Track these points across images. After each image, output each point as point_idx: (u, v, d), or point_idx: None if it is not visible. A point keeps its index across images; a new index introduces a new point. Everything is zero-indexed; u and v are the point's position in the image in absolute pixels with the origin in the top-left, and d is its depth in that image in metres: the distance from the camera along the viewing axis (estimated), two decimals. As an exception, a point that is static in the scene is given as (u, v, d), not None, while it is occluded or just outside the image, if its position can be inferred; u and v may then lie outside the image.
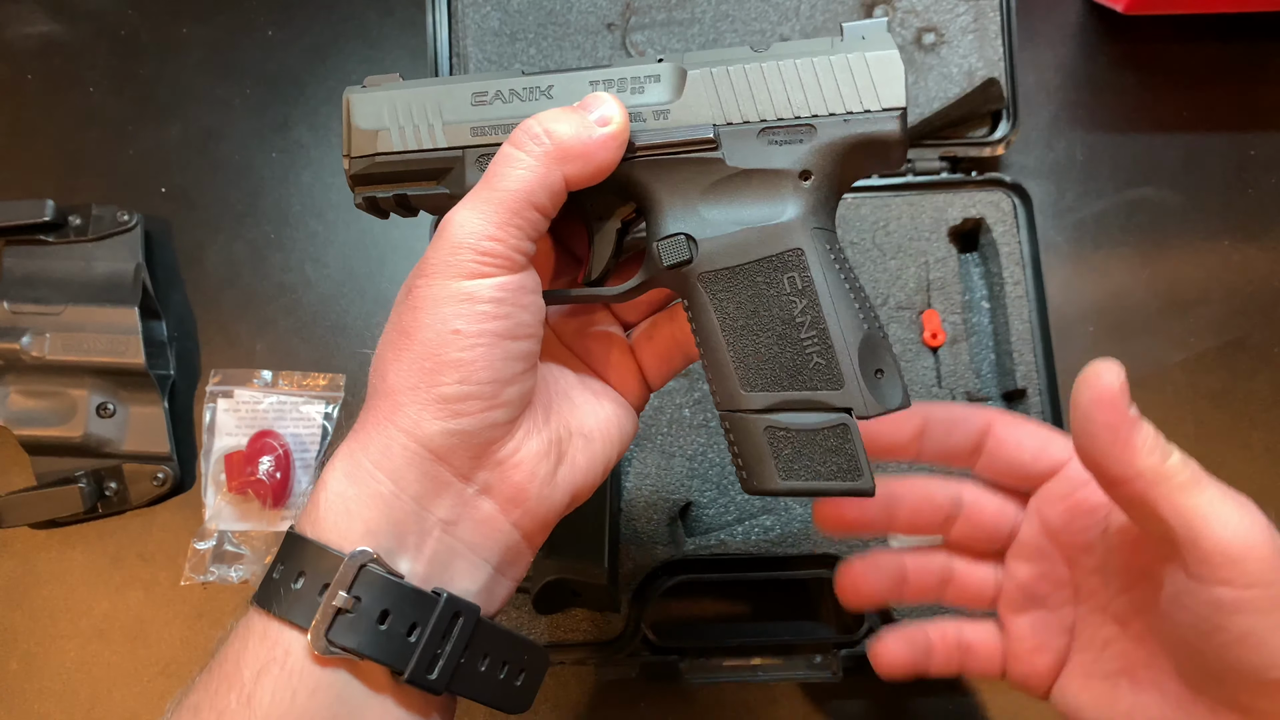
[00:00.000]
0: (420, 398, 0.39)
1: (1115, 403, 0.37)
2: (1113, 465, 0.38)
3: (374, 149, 0.44)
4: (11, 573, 0.72)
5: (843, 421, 0.41)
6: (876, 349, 0.42)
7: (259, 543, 0.71)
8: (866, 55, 0.41)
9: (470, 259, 0.39)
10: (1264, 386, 0.74)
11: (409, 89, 0.44)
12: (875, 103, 0.41)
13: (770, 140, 0.42)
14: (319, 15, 0.83)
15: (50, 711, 0.69)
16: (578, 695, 0.68)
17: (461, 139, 0.43)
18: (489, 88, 0.43)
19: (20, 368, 0.70)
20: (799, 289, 0.41)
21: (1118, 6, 0.80)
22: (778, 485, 0.42)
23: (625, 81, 0.43)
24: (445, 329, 0.38)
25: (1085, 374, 0.37)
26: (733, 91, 0.42)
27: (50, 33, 0.83)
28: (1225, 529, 0.36)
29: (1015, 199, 0.72)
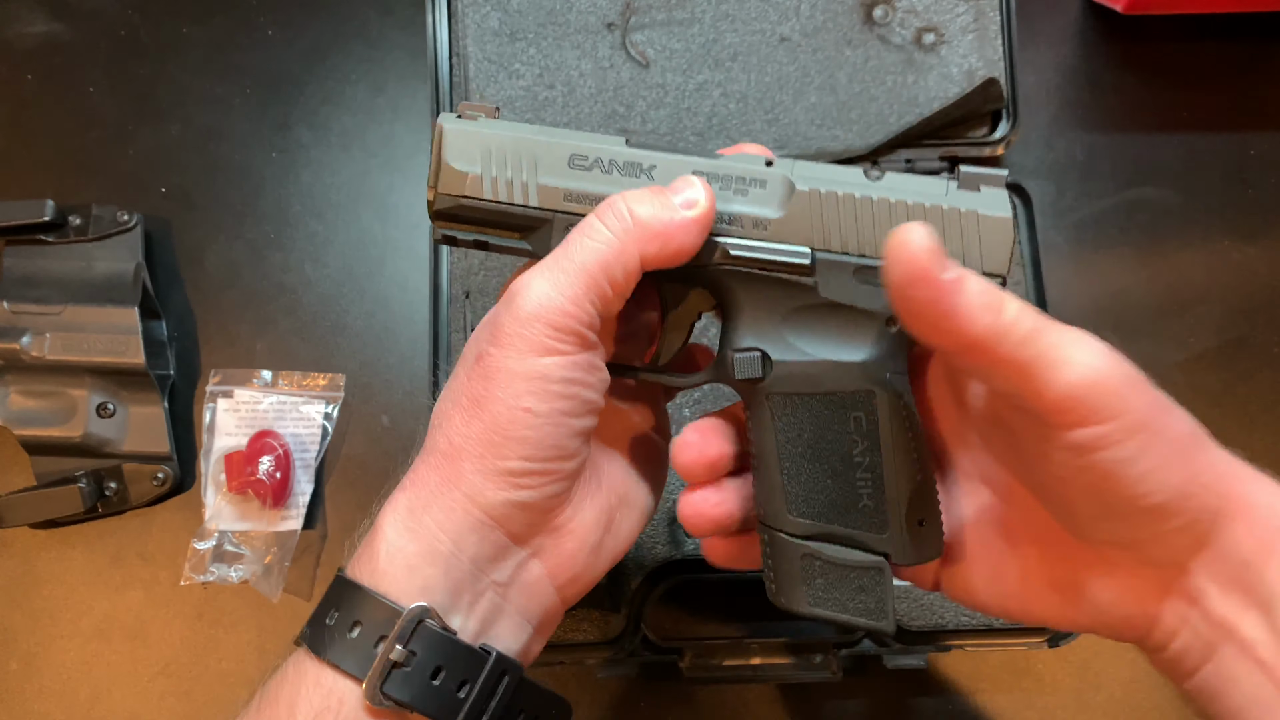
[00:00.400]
0: (485, 467, 0.40)
1: (928, 276, 0.34)
2: (946, 338, 0.36)
3: (462, 191, 0.42)
4: (11, 573, 0.72)
5: (879, 565, 0.42)
6: (925, 499, 0.42)
7: (259, 542, 0.71)
8: (980, 214, 0.41)
9: (544, 334, 0.39)
10: (1264, 386, 0.74)
11: (506, 132, 0.42)
12: (978, 264, 0.41)
13: (864, 280, 0.41)
14: (319, 15, 0.83)
15: (50, 711, 0.69)
16: (578, 695, 0.68)
17: (554, 202, 0.42)
18: (590, 152, 0.42)
19: (20, 367, 0.70)
20: (863, 430, 0.41)
21: (1118, 6, 0.80)
22: (805, 609, 0.42)
23: (730, 180, 0.42)
24: (516, 405, 0.39)
25: (890, 247, 0.34)
26: (838, 219, 0.41)
27: (50, 33, 0.83)
28: (1071, 371, 0.34)
29: (1015, 199, 0.72)
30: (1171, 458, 0.37)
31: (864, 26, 0.73)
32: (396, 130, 0.81)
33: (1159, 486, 0.36)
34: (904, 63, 0.73)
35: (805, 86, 0.73)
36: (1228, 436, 0.72)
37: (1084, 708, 0.68)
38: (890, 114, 0.73)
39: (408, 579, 0.39)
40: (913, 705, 0.68)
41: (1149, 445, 0.36)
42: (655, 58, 0.74)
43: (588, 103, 0.73)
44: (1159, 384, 0.78)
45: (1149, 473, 0.36)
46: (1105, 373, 0.35)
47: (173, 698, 0.69)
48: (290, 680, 0.39)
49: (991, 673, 0.69)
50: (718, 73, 0.73)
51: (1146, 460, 0.36)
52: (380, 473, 0.73)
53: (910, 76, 0.73)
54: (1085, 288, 0.76)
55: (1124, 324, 0.76)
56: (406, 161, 0.80)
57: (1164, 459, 0.36)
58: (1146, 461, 0.36)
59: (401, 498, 0.41)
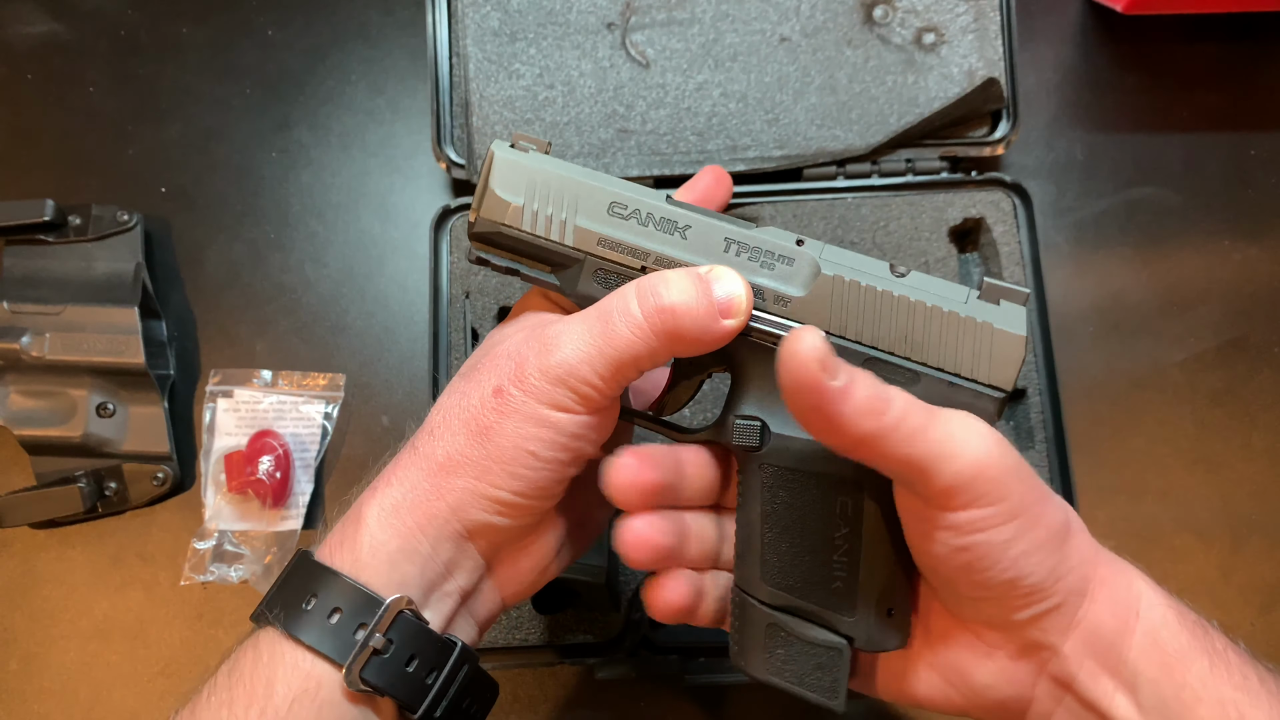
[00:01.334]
0: (477, 490, 0.42)
1: (815, 383, 0.35)
2: (834, 439, 0.37)
3: (503, 219, 0.44)
4: (11, 573, 0.72)
5: (840, 647, 0.42)
6: (896, 589, 0.42)
7: (259, 542, 0.71)
8: (994, 328, 0.41)
9: (566, 395, 0.41)
10: (1264, 386, 0.74)
11: (554, 169, 0.44)
12: (986, 376, 0.41)
13: (874, 371, 0.41)
14: (319, 15, 0.83)
15: (50, 711, 0.69)
16: (578, 695, 0.68)
17: (588, 245, 0.44)
18: (630, 203, 0.44)
19: (20, 367, 0.70)
20: (848, 516, 0.42)
21: (1118, 6, 0.80)
22: (760, 675, 0.43)
23: (759, 252, 0.43)
24: (523, 447, 0.41)
25: (782, 352, 0.35)
26: (858, 308, 0.42)
27: (50, 33, 0.83)
28: (957, 463, 0.36)
29: (1015, 199, 0.72)
30: (1046, 541, 0.39)
31: (864, 26, 0.73)
32: (396, 130, 0.81)
33: (1033, 569, 0.38)
34: (904, 63, 0.73)
35: (805, 86, 0.73)
36: (1228, 436, 0.73)
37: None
38: (890, 114, 0.73)
39: (388, 572, 0.41)
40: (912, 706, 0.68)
41: (1025, 530, 0.38)
42: (655, 58, 0.74)
43: (588, 103, 0.73)
44: (1160, 384, 0.78)
45: (1024, 555, 0.38)
46: (989, 463, 0.37)
47: (172, 698, 0.68)
48: (265, 660, 0.40)
49: (992, 673, 0.69)
50: (718, 73, 0.73)
51: (1022, 543, 0.38)
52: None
53: (910, 76, 0.73)
54: (1085, 288, 0.76)
55: (1124, 324, 0.75)
56: (406, 162, 0.80)
57: (1038, 543, 0.38)
58: (1022, 544, 0.38)
59: (389, 493, 0.42)
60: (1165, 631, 0.40)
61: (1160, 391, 0.74)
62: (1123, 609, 0.40)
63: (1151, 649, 0.40)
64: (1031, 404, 0.69)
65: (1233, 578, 0.70)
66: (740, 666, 0.44)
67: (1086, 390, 0.73)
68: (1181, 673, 0.39)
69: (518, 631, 0.65)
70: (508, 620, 0.66)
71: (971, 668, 0.42)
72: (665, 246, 0.43)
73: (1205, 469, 0.72)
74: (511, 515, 0.42)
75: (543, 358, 0.41)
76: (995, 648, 0.42)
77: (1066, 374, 0.71)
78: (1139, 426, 0.73)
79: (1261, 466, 0.72)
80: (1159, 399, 0.74)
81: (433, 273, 0.71)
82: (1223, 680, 0.39)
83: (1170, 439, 0.73)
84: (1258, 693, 0.39)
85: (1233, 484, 0.72)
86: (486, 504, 0.42)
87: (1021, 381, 0.69)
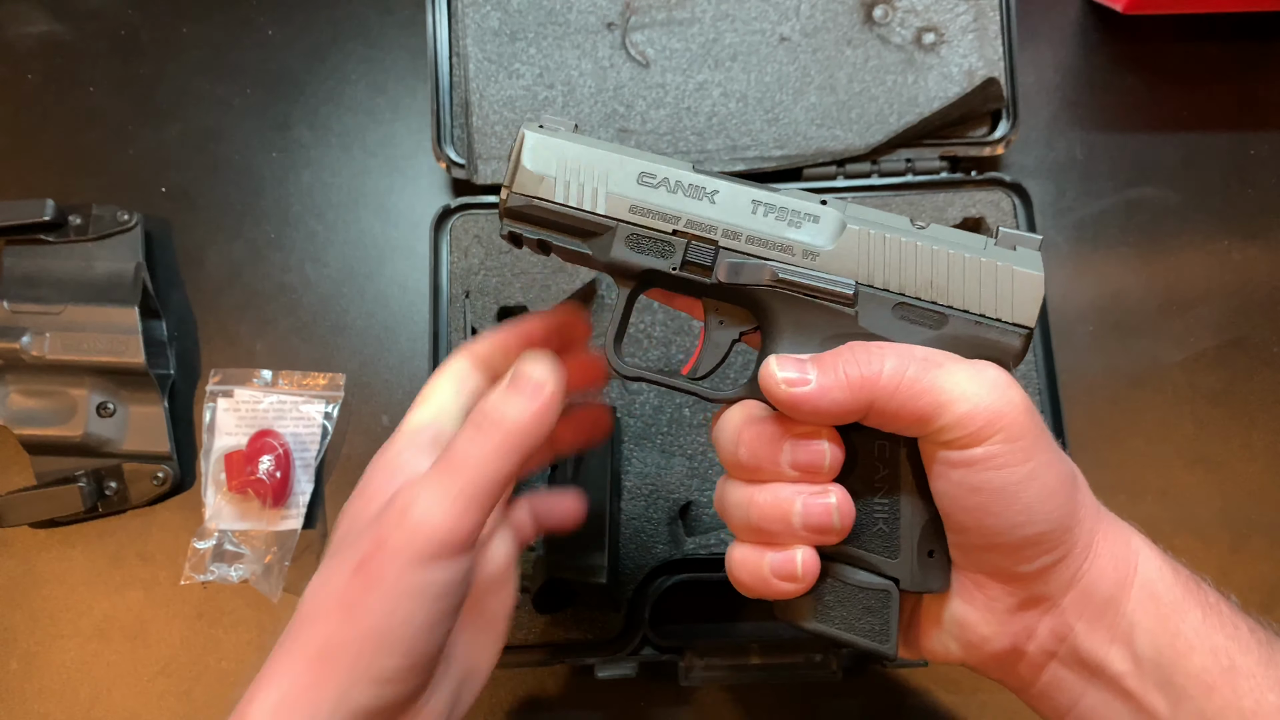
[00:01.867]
0: (358, 674, 0.39)
1: (790, 400, 0.40)
2: (837, 419, 0.41)
3: (536, 192, 0.45)
4: (11, 572, 0.72)
5: (888, 589, 0.43)
6: (936, 532, 0.43)
7: (259, 542, 0.71)
8: (1015, 269, 0.43)
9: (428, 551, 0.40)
10: (1263, 386, 0.74)
11: (583, 145, 0.45)
12: (1009, 314, 0.43)
13: (902, 315, 0.43)
14: (319, 15, 0.83)
15: (50, 711, 0.69)
16: (578, 695, 0.68)
17: (620, 212, 0.44)
18: (658, 171, 0.45)
19: (20, 367, 0.70)
20: (885, 458, 0.43)
21: (1117, 6, 0.80)
22: (810, 624, 0.43)
23: (785, 212, 0.44)
24: (395, 614, 0.39)
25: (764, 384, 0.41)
26: (884, 257, 0.43)
27: (50, 33, 0.83)
28: (964, 402, 0.38)
29: (1015, 198, 0.72)
30: (1058, 489, 0.40)
31: (864, 26, 0.73)
32: (397, 130, 0.81)
33: (1045, 515, 0.39)
34: (904, 63, 0.73)
35: (805, 86, 0.73)
36: (1227, 436, 0.73)
37: (1084, 707, 0.68)
38: (890, 114, 0.73)
39: None
40: (913, 705, 0.68)
41: (1039, 473, 0.39)
42: (655, 58, 0.74)
43: (588, 102, 0.73)
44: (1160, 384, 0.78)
45: (1038, 500, 0.39)
46: (1002, 402, 0.39)
47: (172, 697, 0.69)
48: None
49: (991, 672, 0.69)
50: (718, 73, 0.73)
51: (1035, 487, 0.39)
52: (380, 472, 0.73)
53: (910, 76, 0.73)
54: (1085, 288, 0.76)
55: (1124, 324, 0.76)
56: (406, 162, 0.80)
57: (1050, 489, 0.39)
58: (1035, 488, 0.39)
59: (270, 693, 0.40)
60: (1161, 584, 0.41)
61: (1160, 391, 0.74)
62: (1122, 564, 0.41)
63: (1148, 601, 0.41)
64: (1031, 404, 0.69)
65: (1232, 577, 0.70)
66: (788, 619, 0.44)
67: (1086, 390, 0.73)
68: (1176, 623, 0.40)
69: (518, 631, 0.65)
70: (508, 620, 0.66)
71: (974, 621, 0.43)
72: (696, 210, 0.44)
73: (1205, 468, 0.72)
74: (400, 683, 0.40)
75: (400, 521, 0.40)
76: (997, 601, 0.42)
77: (1066, 373, 0.71)
78: (1138, 426, 0.73)
79: (1261, 466, 0.72)
80: (1158, 398, 0.74)
81: (433, 272, 0.71)
82: (1215, 630, 0.40)
83: (1170, 438, 0.73)
84: (1248, 641, 0.40)
85: (1232, 483, 0.72)
86: (371, 684, 0.40)
87: (1021, 381, 0.68)
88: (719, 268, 0.44)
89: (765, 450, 0.42)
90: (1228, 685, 0.39)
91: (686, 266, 0.44)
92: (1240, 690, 0.39)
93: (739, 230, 0.44)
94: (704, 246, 0.44)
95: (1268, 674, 0.39)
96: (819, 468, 0.41)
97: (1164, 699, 0.40)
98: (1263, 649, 0.40)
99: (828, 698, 0.68)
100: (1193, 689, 0.40)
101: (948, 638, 0.44)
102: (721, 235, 0.44)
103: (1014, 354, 0.43)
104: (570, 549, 0.61)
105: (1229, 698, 0.39)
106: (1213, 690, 0.39)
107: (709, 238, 0.44)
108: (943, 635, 0.44)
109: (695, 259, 0.44)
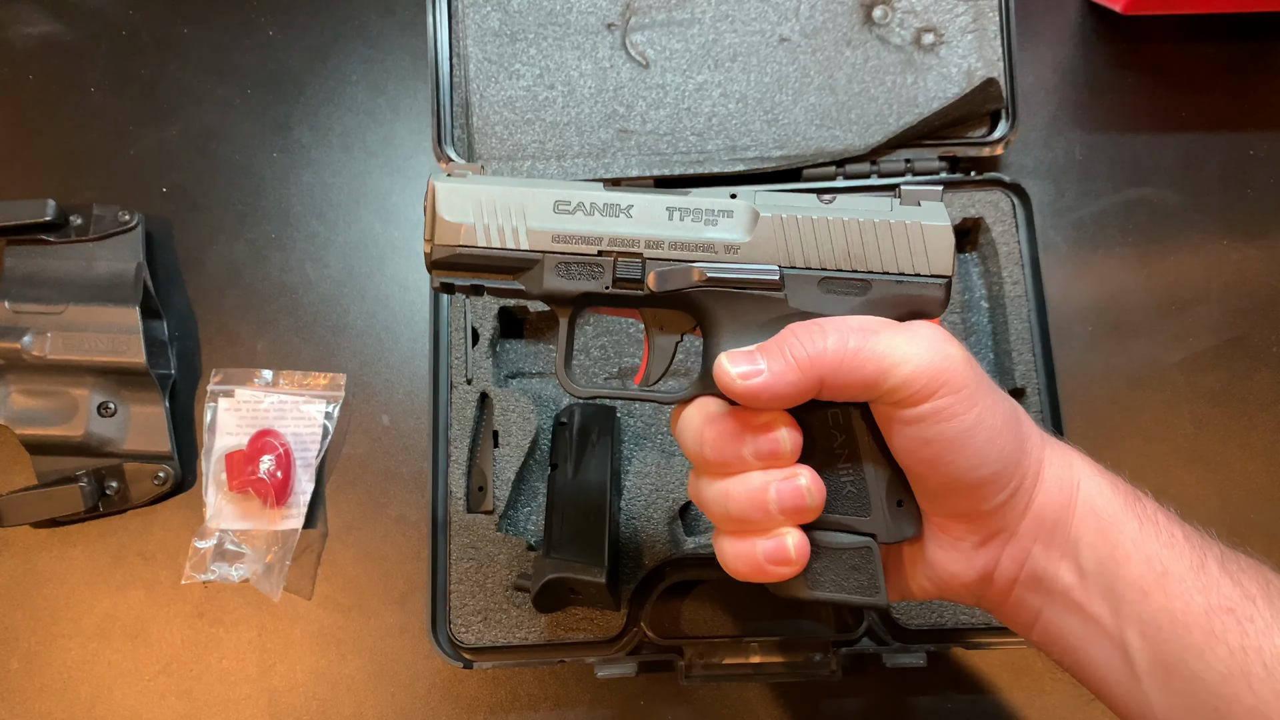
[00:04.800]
0: None
1: (745, 391, 0.42)
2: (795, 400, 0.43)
3: (458, 241, 0.46)
4: (12, 572, 0.72)
5: (868, 545, 0.45)
6: (900, 484, 0.45)
7: (260, 542, 0.71)
8: (923, 224, 0.45)
9: None
10: (1263, 386, 0.74)
11: (494, 186, 0.46)
12: (925, 268, 0.45)
13: (829, 289, 0.45)
14: (319, 15, 0.83)
15: (51, 710, 0.69)
16: (578, 695, 0.69)
17: (543, 244, 0.46)
18: (572, 197, 0.46)
19: (21, 367, 0.70)
20: (841, 426, 0.45)
21: (1117, 6, 0.80)
22: (804, 594, 0.45)
23: (700, 213, 0.46)
24: None
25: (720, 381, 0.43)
26: (800, 239, 0.45)
27: (51, 33, 0.83)
28: (905, 366, 0.41)
29: (1014, 199, 0.72)
30: (1003, 429, 0.42)
31: (864, 27, 0.74)
32: (397, 130, 0.81)
33: (995, 456, 0.42)
34: (903, 63, 0.73)
35: (805, 87, 0.73)
36: (1226, 436, 0.73)
37: (1083, 707, 0.68)
38: (890, 114, 0.73)
39: None
40: (912, 705, 0.68)
41: (985, 418, 0.41)
42: (655, 58, 0.74)
43: (588, 103, 0.73)
44: (1159, 384, 0.78)
45: (987, 442, 0.42)
46: (939, 358, 0.41)
47: (173, 696, 0.69)
48: None
49: (991, 672, 0.69)
50: (718, 73, 0.73)
51: (984, 430, 0.41)
52: (381, 472, 0.73)
53: (910, 77, 0.73)
54: (1085, 288, 0.76)
55: (1124, 324, 0.76)
56: (407, 162, 0.80)
57: (997, 430, 0.42)
58: (984, 431, 0.41)
59: None
60: (1100, 500, 0.44)
61: (1159, 391, 0.74)
62: (1066, 485, 0.44)
63: (1089, 517, 0.44)
64: (1030, 403, 0.69)
65: (1231, 577, 0.70)
66: (784, 594, 0.46)
67: (1085, 390, 0.73)
68: (1114, 535, 0.43)
69: (518, 631, 0.66)
70: (507, 620, 0.66)
71: (944, 560, 0.46)
72: (615, 228, 0.46)
73: (1204, 468, 0.72)
74: None
75: None
76: (963, 540, 0.45)
77: (1065, 373, 0.71)
78: (1137, 426, 0.73)
79: (1260, 466, 0.73)
80: (1157, 398, 0.74)
81: (433, 272, 0.71)
82: (1151, 539, 0.43)
83: (1169, 438, 0.73)
84: (1181, 547, 0.43)
85: (1231, 483, 0.72)
86: None
87: (1020, 381, 0.69)
88: (648, 278, 0.45)
89: (729, 447, 0.44)
90: (1160, 590, 0.42)
91: (618, 284, 0.46)
92: (1171, 594, 0.42)
93: (660, 239, 0.46)
94: (631, 261, 0.46)
95: (1197, 578, 0.42)
96: (781, 454, 0.43)
97: (1106, 606, 0.43)
98: (1195, 554, 0.43)
99: (828, 697, 0.69)
100: (1130, 595, 0.42)
101: (923, 578, 0.47)
102: (645, 247, 0.46)
103: (938, 303, 0.45)
104: (570, 549, 0.61)
105: (1161, 601, 0.42)
106: (1148, 595, 0.42)
107: (634, 251, 0.46)
108: (917, 576, 0.47)
109: (625, 275, 0.46)
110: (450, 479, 0.68)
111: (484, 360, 0.70)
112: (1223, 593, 0.42)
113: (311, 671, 0.69)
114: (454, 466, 0.68)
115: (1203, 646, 0.41)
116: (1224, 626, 0.41)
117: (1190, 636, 0.41)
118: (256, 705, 0.69)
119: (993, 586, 0.46)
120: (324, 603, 0.71)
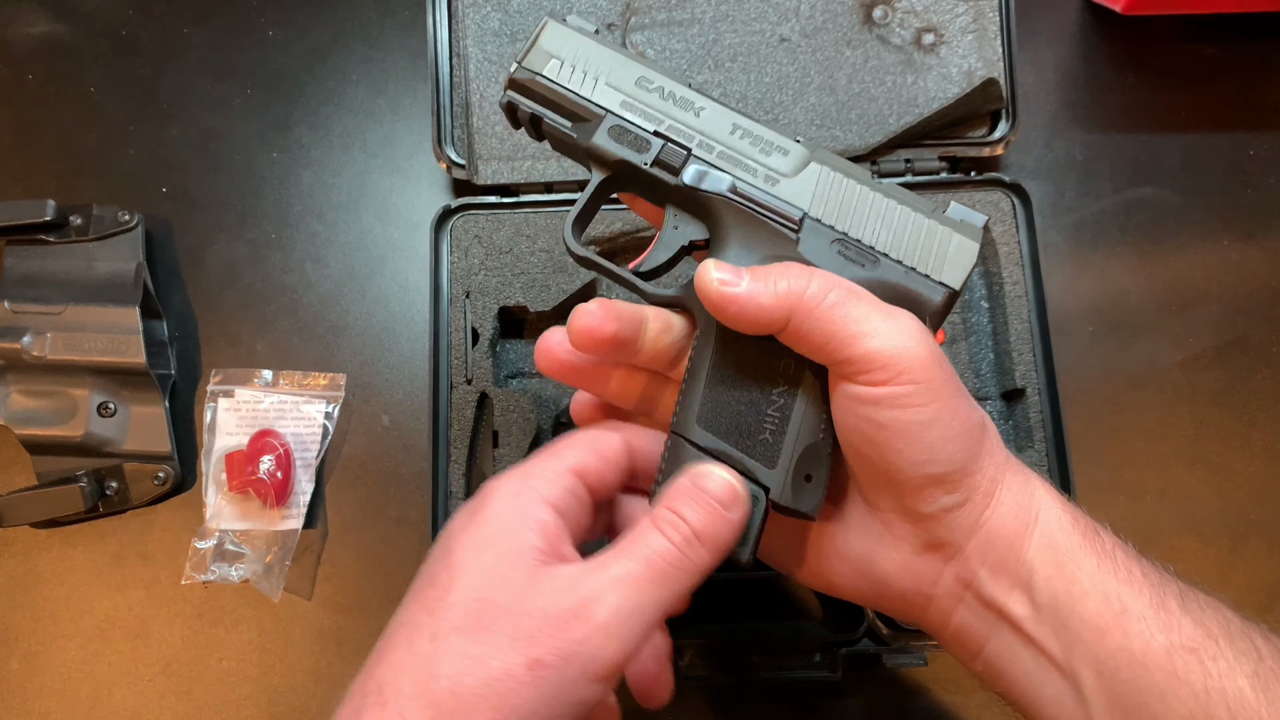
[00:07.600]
0: None
1: (725, 301, 0.42)
2: (757, 324, 0.43)
3: (542, 69, 0.49)
4: (12, 572, 0.72)
5: (757, 495, 0.45)
6: (818, 458, 0.45)
7: (260, 542, 0.71)
8: (954, 234, 0.46)
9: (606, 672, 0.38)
10: (1263, 386, 0.74)
11: (594, 44, 0.49)
12: (938, 273, 0.46)
13: (840, 251, 0.46)
14: (319, 15, 0.83)
15: (51, 710, 0.69)
16: (578, 694, 0.68)
17: (611, 103, 0.48)
18: (655, 79, 0.48)
19: (21, 367, 0.70)
20: (789, 376, 0.45)
21: (1117, 6, 0.80)
22: None
23: (760, 140, 0.48)
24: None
25: (700, 280, 0.43)
26: (837, 197, 0.46)
27: (50, 33, 0.83)
28: (872, 340, 0.40)
29: (1014, 199, 0.72)
30: (961, 433, 0.42)
31: (864, 27, 0.74)
32: (397, 131, 0.81)
33: (947, 456, 0.41)
34: (903, 63, 0.73)
35: (805, 87, 0.73)
36: (1227, 436, 0.73)
37: (1083, 707, 0.68)
38: (890, 114, 0.73)
39: None
40: (912, 705, 0.68)
41: (943, 416, 0.41)
42: (655, 58, 0.74)
43: (588, 103, 0.73)
44: (1159, 384, 0.78)
45: (941, 440, 0.41)
46: (909, 347, 0.40)
47: (173, 697, 0.69)
48: None
49: (991, 672, 0.69)
50: (718, 73, 0.73)
51: (939, 429, 0.41)
52: (381, 472, 0.73)
53: (910, 77, 0.73)
54: (1085, 288, 0.76)
55: (1124, 324, 0.76)
56: (407, 162, 0.80)
57: (955, 432, 0.41)
58: (939, 430, 0.41)
59: None
60: (1059, 533, 0.43)
61: (1159, 391, 0.74)
62: (1024, 512, 0.43)
63: (1046, 549, 0.42)
64: (1030, 404, 0.69)
65: (1232, 577, 0.70)
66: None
67: (1085, 390, 0.73)
68: (1072, 570, 0.42)
69: (518, 631, 0.66)
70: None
71: (878, 558, 0.45)
72: (680, 117, 0.48)
73: (1204, 468, 0.72)
74: None
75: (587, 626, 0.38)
76: (901, 540, 0.44)
77: (1065, 374, 0.71)
78: (1138, 426, 0.73)
79: (1260, 466, 0.73)
80: (1158, 399, 0.74)
81: (433, 273, 0.71)
82: (1109, 576, 0.42)
83: (1169, 438, 0.73)
84: (1140, 585, 0.42)
85: (1232, 483, 0.72)
86: None
87: (1020, 381, 0.69)
88: (686, 171, 0.47)
89: None
90: (1119, 629, 0.41)
91: (657, 164, 0.47)
92: (1131, 633, 0.41)
93: (713, 144, 0.47)
94: (678, 150, 0.47)
95: (1157, 616, 0.41)
96: None
97: (1059, 643, 0.42)
98: (1154, 592, 0.42)
99: (828, 698, 0.69)
100: (1086, 633, 0.41)
101: (855, 575, 0.46)
102: (697, 145, 0.47)
103: (934, 310, 0.45)
104: (570, 549, 0.61)
105: (1120, 640, 0.40)
106: (1105, 634, 0.41)
107: (685, 144, 0.47)
108: (849, 572, 0.46)
109: (667, 160, 0.47)
110: (450, 479, 0.68)
111: (484, 360, 0.70)
112: (1184, 632, 0.40)
113: (311, 671, 0.69)
114: (454, 466, 0.68)
115: (1164, 688, 0.39)
116: (1187, 667, 0.40)
117: (1150, 677, 0.40)
118: (256, 705, 0.69)
119: (933, 605, 0.45)
120: (324, 603, 0.71)
